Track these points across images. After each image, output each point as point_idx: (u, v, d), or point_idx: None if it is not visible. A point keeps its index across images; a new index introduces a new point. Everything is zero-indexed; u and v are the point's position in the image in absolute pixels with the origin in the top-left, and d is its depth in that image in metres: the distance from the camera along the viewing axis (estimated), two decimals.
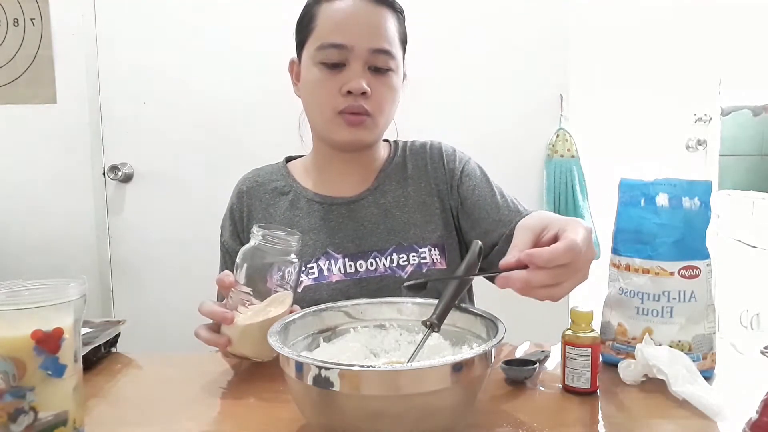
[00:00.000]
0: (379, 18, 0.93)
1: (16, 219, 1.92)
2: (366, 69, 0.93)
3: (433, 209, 1.02)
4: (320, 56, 0.93)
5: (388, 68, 0.94)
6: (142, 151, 1.90)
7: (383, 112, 0.96)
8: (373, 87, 0.93)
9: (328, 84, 0.93)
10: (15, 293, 0.59)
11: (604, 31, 2.60)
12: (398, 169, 1.06)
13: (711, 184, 0.81)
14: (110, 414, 0.72)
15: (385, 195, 1.03)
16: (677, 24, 2.59)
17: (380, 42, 0.92)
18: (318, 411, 0.59)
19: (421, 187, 1.04)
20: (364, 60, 0.92)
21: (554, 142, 1.90)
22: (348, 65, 0.92)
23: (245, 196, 1.06)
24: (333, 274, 0.97)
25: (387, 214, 1.01)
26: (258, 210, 1.04)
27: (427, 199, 1.03)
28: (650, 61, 2.61)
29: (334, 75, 0.92)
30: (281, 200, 1.04)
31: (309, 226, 1.01)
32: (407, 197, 1.03)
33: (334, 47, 0.91)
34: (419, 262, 0.98)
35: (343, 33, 0.91)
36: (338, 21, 0.92)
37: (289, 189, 1.05)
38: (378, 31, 0.93)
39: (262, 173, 1.09)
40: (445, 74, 1.89)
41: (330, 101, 0.93)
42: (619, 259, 0.83)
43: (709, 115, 2.68)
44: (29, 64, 1.88)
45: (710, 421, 0.64)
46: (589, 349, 0.71)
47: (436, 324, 0.67)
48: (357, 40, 0.91)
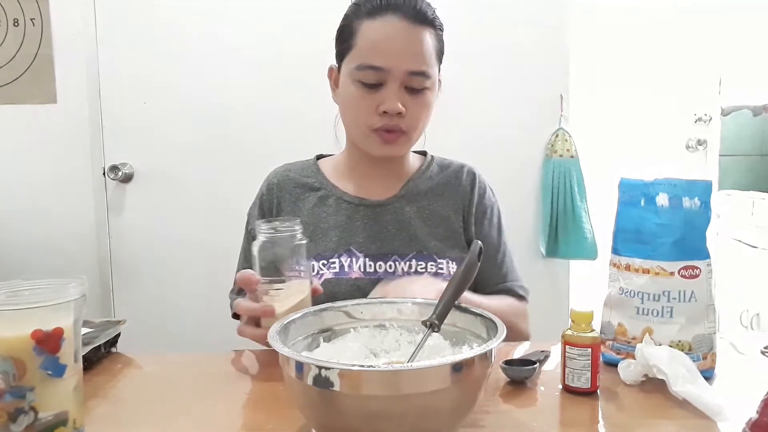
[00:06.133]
0: (418, 39, 0.95)
1: (16, 219, 1.92)
2: (402, 89, 0.95)
3: (456, 227, 1.06)
4: (358, 75, 0.95)
5: (424, 87, 0.97)
6: (142, 151, 1.90)
7: (417, 128, 1.00)
8: (409, 106, 0.96)
9: (364, 103, 0.96)
10: (15, 293, 0.59)
11: (604, 31, 2.60)
12: (428, 182, 1.09)
13: (711, 184, 0.81)
14: (110, 414, 0.72)
15: (412, 203, 1.06)
16: (677, 24, 2.59)
17: (418, 65, 0.95)
18: (318, 411, 0.59)
19: (448, 204, 1.07)
20: (401, 81, 0.95)
21: (553, 142, 1.90)
22: (385, 85, 0.95)
23: (275, 189, 1.09)
24: (353, 271, 1.00)
25: (411, 222, 1.04)
26: (287, 203, 1.08)
27: (452, 215, 1.07)
28: (650, 61, 2.61)
29: (371, 94, 0.95)
30: (310, 196, 1.08)
31: (335, 223, 1.04)
32: (432, 210, 1.06)
33: (372, 69, 0.94)
34: (436, 272, 1.01)
35: (381, 56, 0.94)
36: (377, 42, 0.94)
37: (320, 186, 1.08)
38: (416, 54, 0.95)
39: (294, 168, 1.12)
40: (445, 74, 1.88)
41: (366, 119, 0.97)
42: (619, 259, 0.83)
43: (709, 115, 2.67)
44: (29, 64, 1.88)
45: (710, 421, 0.64)
46: (589, 349, 0.71)
47: (436, 324, 0.67)
48: (395, 62, 0.93)
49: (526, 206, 1.92)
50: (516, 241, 1.13)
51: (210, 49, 1.87)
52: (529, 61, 1.89)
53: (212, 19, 1.87)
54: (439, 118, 1.05)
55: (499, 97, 1.90)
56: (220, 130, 1.89)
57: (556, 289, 1.94)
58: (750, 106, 2.87)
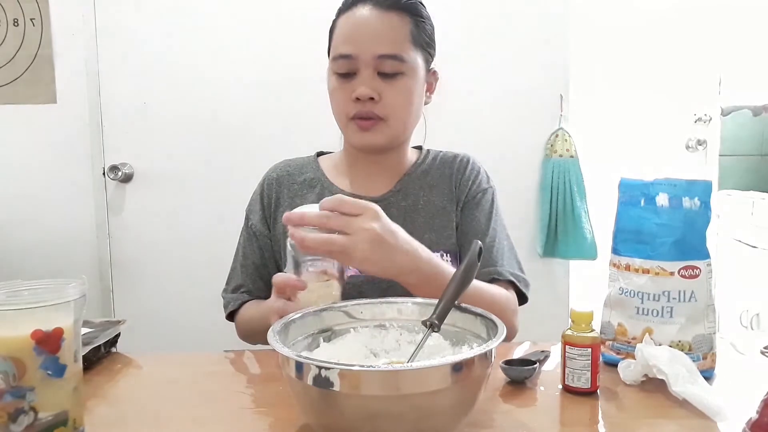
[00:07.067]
0: (385, 24, 0.97)
1: (16, 219, 1.92)
2: (375, 75, 0.96)
3: (451, 216, 1.06)
4: (334, 67, 0.99)
5: (398, 72, 0.97)
6: (142, 151, 1.90)
7: (397, 115, 0.99)
8: (384, 91, 0.97)
9: (340, 92, 0.98)
10: (15, 293, 0.59)
11: (604, 31, 2.59)
12: (423, 175, 1.09)
13: (711, 184, 0.81)
14: (110, 414, 0.72)
15: (407, 198, 1.06)
16: (677, 24, 2.59)
17: (385, 48, 0.96)
18: (318, 411, 0.59)
19: (443, 194, 1.07)
20: (372, 67, 0.96)
21: (553, 142, 1.90)
22: (359, 73, 0.97)
23: (275, 184, 1.10)
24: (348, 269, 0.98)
25: (406, 217, 1.04)
26: (285, 198, 1.08)
27: (447, 205, 1.06)
28: (650, 61, 2.60)
29: (346, 83, 0.98)
30: (309, 192, 1.08)
31: None
32: (428, 202, 1.06)
33: (343, 58, 0.97)
34: None
35: (349, 43, 0.96)
36: (346, 32, 0.98)
37: (317, 182, 1.09)
38: (383, 38, 0.96)
39: (294, 164, 1.13)
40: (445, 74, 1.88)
41: (344, 108, 0.99)
42: (619, 259, 0.83)
43: (709, 115, 2.67)
44: (29, 64, 1.88)
45: (710, 421, 0.64)
46: (589, 349, 0.71)
47: (436, 324, 0.67)
48: (362, 48, 0.96)
49: (526, 206, 1.92)
50: (515, 241, 1.12)
51: (210, 49, 1.87)
52: (529, 61, 1.89)
53: (212, 19, 1.87)
54: (439, 118, 1.06)
55: (499, 97, 1.90)
56: (220, 130, 1.89)
57: (555, 289, 1.94)
58: (750, 106, 2.87)
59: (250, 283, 1.07)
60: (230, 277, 1.11)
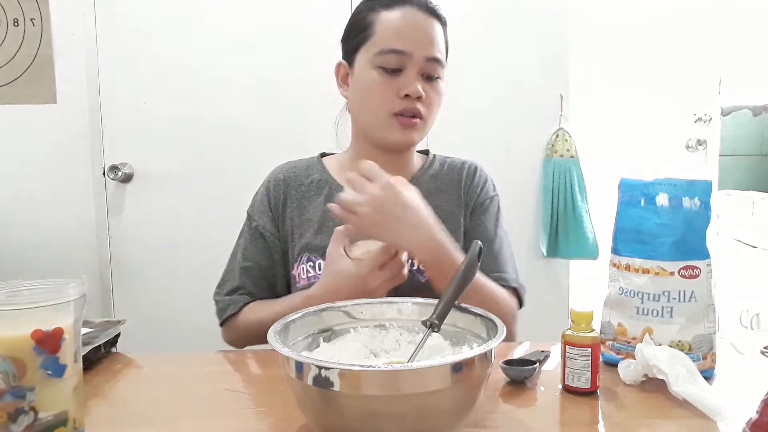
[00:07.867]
0: (433, 28, 1.01)
1: (16, 219, 1.92)
2: (419, 75, 0.99)
3: (459, 221, 1.07)
4: (379, 61, 0.98)
5: (438, 76, 1.01)
6: (142, 151, 1.90)
7: (432, 115, 1.03)
8: (426, 92, 0.99)
9: (385, 87, 0.99)
10: (15, 293, 0.59)
11: (604, 31, 2.59)
12: (432, 180, 1.10)
13: (711, 184, 0.81)
14: (110, 414, 0.72)
15: None
16: (677, 24, 2.58)
17: (434, 51, 1.00)
18: (318, 411, 0.59)
19: (452, 199, 1.08)
20: (419, 67, 0.99)
21: (554, 142, 1.90)
22: (405, 71, 0.98)
23: (282, 184, 1.09)
24: None
25: None
26: (293, 199, 1.08)
27: (455, 210, 1.07)
28: (650, 61, 2.60)
29: (392, 79, 0.98)
30: (316, 194, 1.08)
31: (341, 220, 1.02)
32: (437, 207, 1.05)
33: (395, 53, 0.98)
34: None
35: (403, 40, 0.98)
36: (398, 29, 0.99)
37: (325, 184, 1.09)
38: (433, 41, 1.00)
39: (298, 166, 1.13)
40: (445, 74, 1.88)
41: (387, 103, 0.99)
42: (619, 259, 0.83)
43: (709, 115, 2.67)
44: (29, 64, 1.88)
45: (710, 421, 0.64)
46: (589, 349, 0.71)
47: (436, 324, 0.67)
48: (415, 47, 0.98)
49: (527, 206, 1.92)
50: (516, 241, 1.12)
51: (210, 50, 1.87)
52: (529, 61, 1.89)
53: (212, 19, 1.87)
54: (439, 118, 1.06)
55: (499, 97, 1.90)
56: (220, 130, 1.89)
57: (556, 289, 1.94)
58: (750, 106, 2.87)
59: (250, 284, 1.06)
60: (225, 279, 1.09)
